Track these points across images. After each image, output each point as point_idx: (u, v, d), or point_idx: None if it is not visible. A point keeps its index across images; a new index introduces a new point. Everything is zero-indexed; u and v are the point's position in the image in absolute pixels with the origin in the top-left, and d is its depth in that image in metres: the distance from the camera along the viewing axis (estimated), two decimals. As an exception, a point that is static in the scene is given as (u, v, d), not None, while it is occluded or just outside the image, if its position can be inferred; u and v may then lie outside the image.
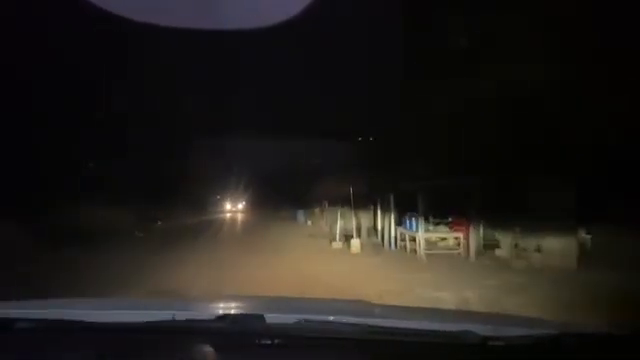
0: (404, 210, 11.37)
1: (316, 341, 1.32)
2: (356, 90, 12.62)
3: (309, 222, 20.67)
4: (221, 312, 1.50)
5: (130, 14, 4.90)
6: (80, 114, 14.21)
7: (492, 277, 7.36)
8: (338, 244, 12.23)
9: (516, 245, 9.01)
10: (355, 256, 10.73)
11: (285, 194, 26.00)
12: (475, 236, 9.95)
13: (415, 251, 10.28)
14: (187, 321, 1.41)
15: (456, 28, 9.40)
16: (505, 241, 9.42)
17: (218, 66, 12.63)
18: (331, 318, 1.49)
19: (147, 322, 1.39)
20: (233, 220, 28.45)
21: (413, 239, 10.56)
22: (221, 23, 5.45)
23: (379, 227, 12.97)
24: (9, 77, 10.72)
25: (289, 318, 1.40)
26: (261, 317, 1.38)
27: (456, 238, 10.39)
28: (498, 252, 9.69)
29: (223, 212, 35.42)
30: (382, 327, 1.40)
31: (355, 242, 11.54)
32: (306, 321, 1.38)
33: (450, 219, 10.58)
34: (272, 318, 1.39)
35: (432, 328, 1.41)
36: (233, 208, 37.35)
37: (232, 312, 1.58)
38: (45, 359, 1.30)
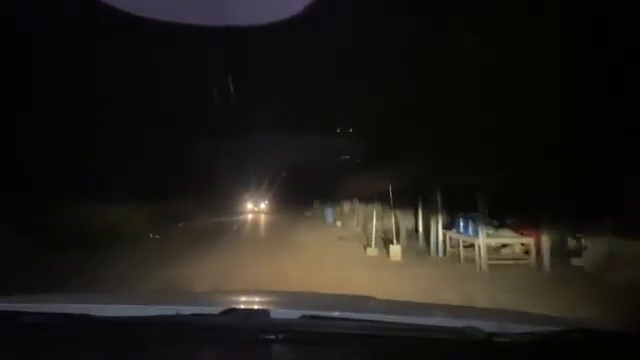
0: (454, 210, 9.51)
1: (320, 336, 1.29)
2: (391, 77, 10.88)
3: (338, 222, 18.89)
4: (225, 307, 1.42)
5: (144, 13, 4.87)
6: (95, 112, 13.08)
7: (596, 299, 5.41)
8: (374, 250, 10.41)
9: (611, 254, 7.00)
10: (397, 266, 8.86)
11: (312, 192, 24.49)
12: (548, 242, 7.98)
13: (472, 260, 8.38)
14: (191, 316, 1.40)
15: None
16: (593, 248, 7.41)
17: (238, 63, 11.67)
18: (336, 313, 1.49)
19: (151, 316, 1.40)
20: (257, 221, 26.79)
21: (468, 245, 8.66)
22: (232, 20, 5.37)
23: (421, 229, 11.08)
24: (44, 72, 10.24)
25: (294, 313, 1.39)
26: (266, 312, 1.39)
27: (523, 244, 8.44)
28: (576, 262, 7.72)
29: (247, 212, 33.21)
30: (386, 322, 1.38)
31: (395, 248, 9.69)
32: (311, 316, 1.38)
33: (514, 220, 8.64)
34: (277, 313, 1.40)
35: (437, 324, 1.42)
36: (257, 208, 34.65)
37: (237, 307, 1.51)
38: (48, 353, 1.27)
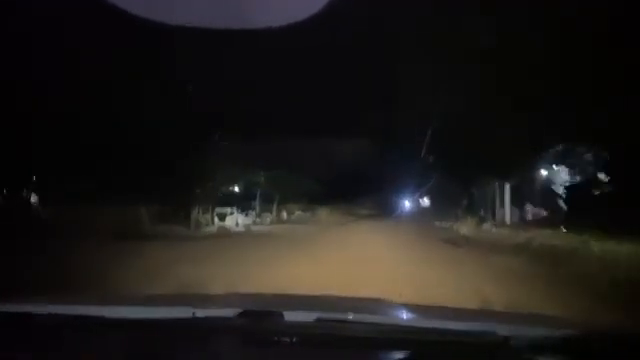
0: None
1: (335, 339, 1.29)
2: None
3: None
4: (241, 309, 1.43)
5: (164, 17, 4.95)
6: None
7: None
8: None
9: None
10: None
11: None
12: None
13: None
14: (207, 318, 1.41)
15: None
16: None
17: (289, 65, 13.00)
18: (350, 316, 1.48)
19: (166, 318, 1.40)
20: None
21: None
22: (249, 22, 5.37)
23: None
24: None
25: (308, 316, 1.40)
26: (280, 314, 1.39)
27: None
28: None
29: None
30: (401, 326, 1.39)
31: None
32: (325, 319, 1.38)
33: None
34: (291, 315, 1.41)
35: (452, 327, 1.38)
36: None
37: (251, 309, 1.47)
38: (62, 355, 1.30)
